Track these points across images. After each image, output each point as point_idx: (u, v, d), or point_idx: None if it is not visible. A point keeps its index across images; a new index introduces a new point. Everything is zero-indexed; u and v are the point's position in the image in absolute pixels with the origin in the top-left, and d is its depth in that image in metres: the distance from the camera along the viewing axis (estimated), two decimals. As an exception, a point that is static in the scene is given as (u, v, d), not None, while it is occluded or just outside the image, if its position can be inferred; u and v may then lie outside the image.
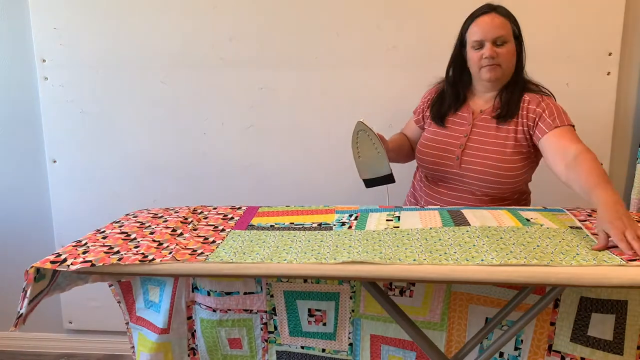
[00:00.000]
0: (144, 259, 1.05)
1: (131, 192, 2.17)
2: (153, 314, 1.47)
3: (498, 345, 1.18)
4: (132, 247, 1.11)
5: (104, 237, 1.18)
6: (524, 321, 1.14)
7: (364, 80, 2.00)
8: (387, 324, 1.41)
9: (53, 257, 1.08)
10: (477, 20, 1.43)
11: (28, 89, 2.13)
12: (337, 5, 1.95)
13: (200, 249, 1.11)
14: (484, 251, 1.02)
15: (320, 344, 1.47)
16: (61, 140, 2.15)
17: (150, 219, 1.34)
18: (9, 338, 2.39)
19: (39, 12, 2.04)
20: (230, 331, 1.48)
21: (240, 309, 1.47)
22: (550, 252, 1.01)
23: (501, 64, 1.42)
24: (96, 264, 1.04)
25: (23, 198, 2.24)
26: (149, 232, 1.22)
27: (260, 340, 1.48)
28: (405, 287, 1.39)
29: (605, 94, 1.92)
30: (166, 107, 2.09)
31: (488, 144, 1.47)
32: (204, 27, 2.01)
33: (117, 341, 2.34)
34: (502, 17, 1.41)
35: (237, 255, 1.06)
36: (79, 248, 1.12)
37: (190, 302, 1.48)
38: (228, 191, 2.14)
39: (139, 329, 1.49)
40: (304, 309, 1.45)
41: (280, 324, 1.47)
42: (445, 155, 1.52)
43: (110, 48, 2.06)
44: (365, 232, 1.18)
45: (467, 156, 1.48)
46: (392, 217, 1.28)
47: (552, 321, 1.29)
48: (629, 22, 1.88)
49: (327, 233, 1.19)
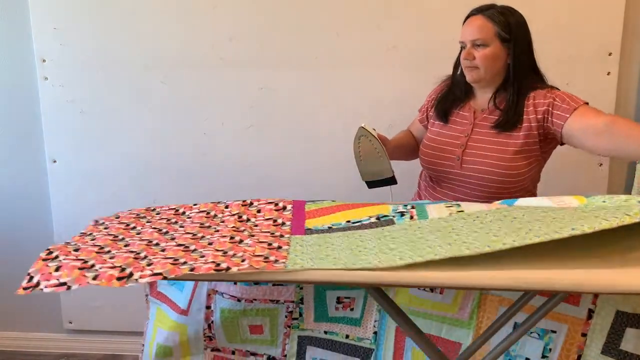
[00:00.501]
0: (218, 267, 0.95)
1: (131, 192, 2.17)
2: (175, 292, 1.45)
3: (504, 347, 1.17)
4: (197, 258, 1.01)
5: (162, 250, 1.08)
6: (529, 324, 1.13)
7: (364, 80, 2.00)
8: (413, 318, 1.39)
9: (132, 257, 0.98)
10: (467, 21, 1.45)
11: (28, 89, 2.13)
12: (337, 5, 1.95)
13: (270, 255, 1.02)
14: (567, 222, 0.93)
15: (344, 330, 1.45)
16: (61, 140, 2.15)
17: (199, 228, 1.21)
18: (9, 338, 2.39)
19: (39, 12, 2.04)
20: (253, 319, 1.45)
21: (266, 299, 1.44)
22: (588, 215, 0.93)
23: (478, 66, 1.42)
24: (167, 275, 0.94)
25: (23, 198, 2.24)
26: (207, 242, 1.10)
27: (283, 327, 1.45)
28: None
29: (605, 94, 1.92)
30: (166, 107, 2.09)
31: (489, 143, 1.46)
32: (204, 27, 2.01)
33: (117, 341, 2.34)
34: (487, 20, 1.40)
35: (314, 261, 0.98)
36: (141, 261, 1.00)
37: (212, 291, 1.45)
38: (228, 191, 2.14)
39: (157, 304, 1.47)
40: (333, 298, 1.44)
41: (306, 311, 1.44)
42: (446, 156, 1.51)
43: (110, 48, 2.05)
44: (431, 221, 1.10)
45: (468, 156, 1.47)
46: (450, 204, 1.20)
47: (584, 332, 1.26)
48: (629, 22, 1.88)
49: (392, 228, 1.11)
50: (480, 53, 1.41)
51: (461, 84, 1.54)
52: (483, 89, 1.51)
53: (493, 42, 1.41)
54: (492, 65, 1.42)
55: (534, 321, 1.18)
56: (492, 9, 1.43)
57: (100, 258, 0.99)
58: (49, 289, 0.92)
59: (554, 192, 1.97)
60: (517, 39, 1.42)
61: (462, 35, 1.45)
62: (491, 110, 1.49)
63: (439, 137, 1.55)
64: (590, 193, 1.24)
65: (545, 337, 1.32)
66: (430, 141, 1.57)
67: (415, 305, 1.42)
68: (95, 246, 1.07)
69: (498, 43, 1.41)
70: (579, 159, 1.93)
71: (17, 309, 2.35)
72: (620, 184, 2.01)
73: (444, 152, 1.52)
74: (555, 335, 1.30)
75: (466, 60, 1.43)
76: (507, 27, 1.41)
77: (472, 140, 1.48)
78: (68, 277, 0.93)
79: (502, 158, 1.43)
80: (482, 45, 1.41)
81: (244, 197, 2.11)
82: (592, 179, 1.97)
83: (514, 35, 1.42)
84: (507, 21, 1.41)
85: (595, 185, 1.97)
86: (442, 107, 1.56)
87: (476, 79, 1.45)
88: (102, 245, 1.07)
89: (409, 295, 1.41)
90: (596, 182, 1.97)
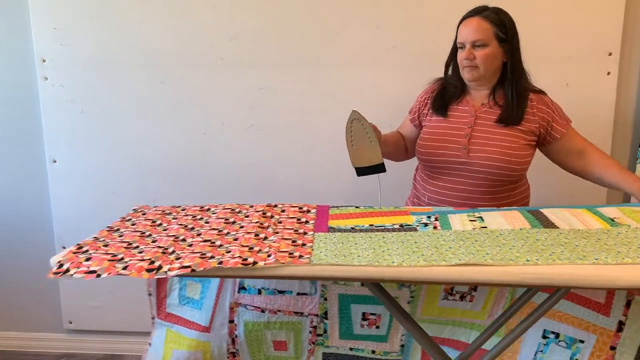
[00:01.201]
0: (245, 262, 0.98)
1: (131, 192, 2.17)
2: (190, 311, 1.45)
3: (499, 350, 1.17)
4: (224, 252, 1.04)
5: (189, 245, 1.11)
6: (526, 324, 1.13)
7: (364, 80, 2.00)
8: (442, 326, 1.40)
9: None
10: (463, 22, 1.49)
11: (28, 89, 2.13)
12: (337, 5, 1.95)
13: (295, 251, 1.04)
14: (590, 251, 0.97)
15: (370, 346, 1.46)
16: (61, 140, 2.15)
17: (224, 224, 1.24)
18: (9, 338, 2.39)
19: (39, 12, 2.04)
20: (277, 333, 1.46)
21: (290, 310, 1.44)
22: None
23: (479, 66, 1.47)
24: (196, 268, 0.97)
25: (23, 198, 2.24)
26: (232, 238, 1.14)
27: (307, 343, 1.46)
28: (467, 292, 1.38)
29: (605, 94, 1.92)
30: (166, 107, 2.09)
31: (495, 133, 1.50)
32: (204, 27, 2.01)
33: (117, 341, 2.34)
34: (485, 21, 1.45)
35: (338, 258, 1.00)
36: (169, 256, 1.04)
37: (234, 304, 1.45)
38: (228, 191, 2.14)
39: (167, 325, 1.46)
40: (358, 313, 1.44)
41: (331, 327, 1.45)
42: (451, 146, 1.53)
43: (110, 48, 2.05)
44: (454, 232, 1.13)
45: (474, 145, 1.50)
46: (473, 217, 1.22)
47: (613, 345, 1.24)
48: (629, 22, 1.88)
49: (415, 234, 1.13)
50: (480, 53, 1.46)
51: (456, 83, 1.58)
52: (479, 87, 1.55)
53: (492, 42, 1.46)
54: (491, 64, 1.48)
55: (532, 320, 1.19)
56: (487, 10, 1.47)
57: (129, 252, 1.03)
58: (79, 275, 0.95)
59: (554, 192, 1.97)
60: (512, 39, 1.48)
61: (460, 36, 1.49)
62: (491, 105, 1.53)
63: (441, 129, 1.57)
64: (603, 205, 1.25)
65: (573, 347, 1.31)
66: (431, 134, 1.59)
67: (446, 315, 1.43)
68: (123, 242, 1.11)
69: (496, 43, 1.46)
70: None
71: (17, 309, 2.35)
72: (620, 184, 2.01)
73: (448, 142, 1.54)
74: (583, 345, 1.28)
75: (467, 60, 1.47)
76: (504, 27, 1.46)
77: (477, 131, 1.51)
78: (98, 267, 0.97)
79: (511, 147, 1.48)
80: (481, 46, 1.45)
81: (244, 197, 2.12)
82: (592, 179, 1.97)
83: (509, 35, 1.47)
84: (503, 22, 1.47)
85: (595, 184, 1.96)
86: (441, 103, 1.59)
87: (476, 77, 1.50)
88: (130, 241, 1.11)
89: (438, 307, 1.42)
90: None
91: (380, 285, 1.17)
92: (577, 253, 0.97)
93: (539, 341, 1.33)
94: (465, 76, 1.51)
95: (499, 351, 1.17)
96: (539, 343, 1.34)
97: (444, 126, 1.56)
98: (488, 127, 1.51)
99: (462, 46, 1.49)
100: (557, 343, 1.31)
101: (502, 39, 1.46)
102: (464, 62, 1.48)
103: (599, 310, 1.25)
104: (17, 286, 2.33)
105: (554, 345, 1.31)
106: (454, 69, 1.57)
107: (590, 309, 1.28)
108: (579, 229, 1.11)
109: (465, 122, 1.54)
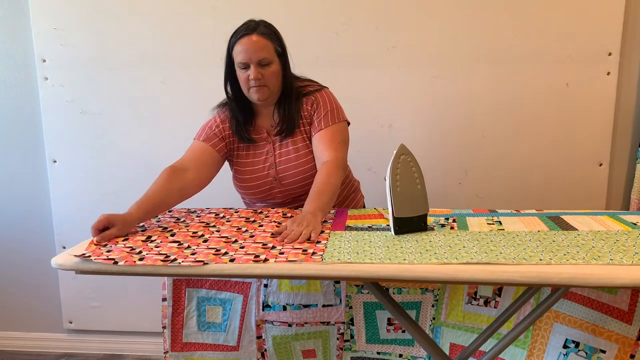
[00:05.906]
0: (257, 259, 1.02)
1: (131, 192, 2.15)
2: (213, 335, 1.48)
3: (495, 352, 1.17)
4: (237, 249, 1.10)
5: (205, 241, 1.17)
6: (525, 324, 1.13)
7: (364, 80, 2.00)
8: (468, 334, 1.41)
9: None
10: (240, 41, 1.41)
11: (28, 89, 2.13)
12: (337, 5, 1.95)
13: (309, 248, 1.08)
14: (606, 252, 0.98)
15: (397, 350, 1.48)
16: (61, 140, 2.15)
17: (244, 222, 1.31)
18: (9, 338, 2.39)
19: (39, 12, 2.04)
20: (305, 343, 1.48)
21: (317, 321, 1.47)
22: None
23: (267, 85, 1.42)
24: (208, 263, 1.02)
25: (23, 198, 2.24)
26: (249, 235, 1.19)
27: (336, 349, 1.49)
28: (490, 297, 1.39)
29: (605, 94, 1.92)
30: (166, 107, 2.09)
31: (292, 152, 1.49)
32: (204, 27, 2.01)
33: (117, 341, 2.34)
34: (264, 38, 1.40)
35: (350, 255, 1.02)
36: (185, 250, 1.11)
37: (261, 322, 1.48)
38: (228, 191, 2.14)
39: (185, 355, 1.49)
40: (384, 319, 1.46)
41: (358, 333, 1.47)
42: (263, 182, 1.52)
43: (110, 48, 2.06)
44: (471, 233, 1.15)
45: (281, 172, 1.50)
46: (492, 221, 1.25)
47: (633, 353, 1.24)
48: (629, 22, 1.88)
49: (431, 233, 1.16)
50: (267, 71, 1.41)
51: (241, 107, 1.51)
52: (268, 105, 1.51)
53: (274, 59, 1.42)
54: (277, 80, 1.44)
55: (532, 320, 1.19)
56: (259, 25, 1.43)
57: (147, 247, 1.13)
58: (98, 260, 1.04)
59: (554, 192, 1.97)
60: (284, 50, 1.46)
61: (241, 56, 1.40)
62: (278, 122, 1.50)
63: (248, 165, 1.54)
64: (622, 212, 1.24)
65: (594, 357, 1.29)
66: (242, 173, 1.55)
67: (470, 321, 1.43)
68: (143, 235, 1.23)
69: (277, 58, 1.43)
70: (579, 159, 1.93)
71: (17, 309, 2.35)
72: (620, 183, 2.01)
73: (260, 179, 1.52)
74: (605, 355, 1.27)
75: (255, 80, 1.41)
76: (279, 41, 1.44)
77: (279, 156, 1.50)
78: (117, 256, 1.07)
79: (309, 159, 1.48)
80: (267, 64, 1.41)
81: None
82: (592, 179, 1.97)
83: (283, 47, 1.45)
84: (276, 35, 1.44)
85: (596, 185, 1.96)
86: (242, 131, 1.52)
87: (267, 96, 1.45)
88: (149, 235, 1.23)
89: (462, 312, 1.43)
90: (596, 182, 1.97)
91: (381, 287, 1.17)
92: (593, 254, 0.97)
93: (559, 351, 1.33)
94: (254, 97, 1.44)
95: (499, 350, 1.17)
96: (560, 353, 1.33)
97: (251, 162, 1.53)
98: (283, 149, 1.50)
99: (246, 66, 1.41)
100: (577, 353, 1.30)
101: (280, 53, 1.44)
102: (252, 82, 1.41)
103: (622, 318, 1.25)
104: (17, 286, 2.33)
105: (574, 355, 1.30)
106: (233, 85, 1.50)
107: (612, 316, 1.27)
108: (598, 230, 1.13)
109: (267, 152, 1.51)
